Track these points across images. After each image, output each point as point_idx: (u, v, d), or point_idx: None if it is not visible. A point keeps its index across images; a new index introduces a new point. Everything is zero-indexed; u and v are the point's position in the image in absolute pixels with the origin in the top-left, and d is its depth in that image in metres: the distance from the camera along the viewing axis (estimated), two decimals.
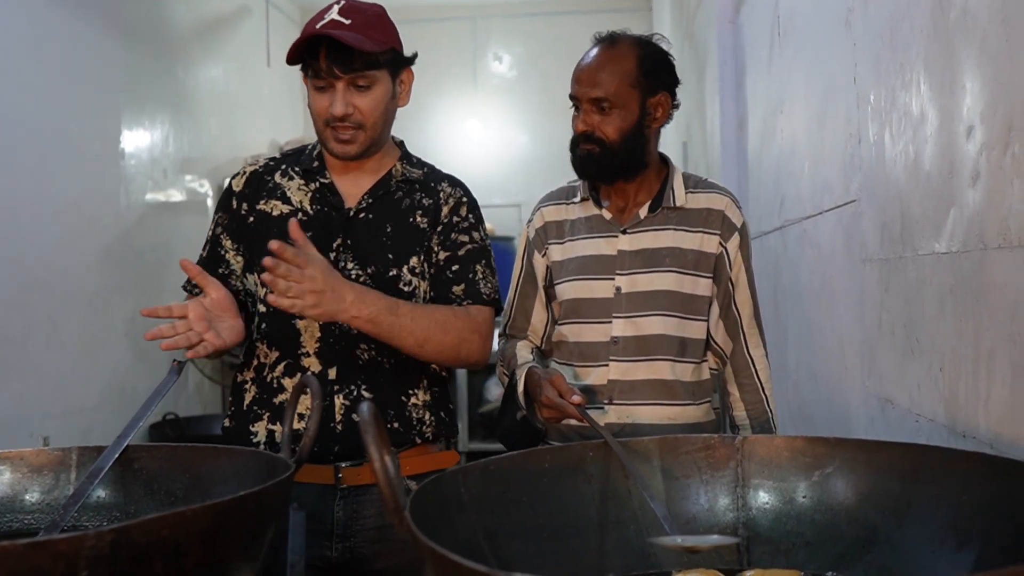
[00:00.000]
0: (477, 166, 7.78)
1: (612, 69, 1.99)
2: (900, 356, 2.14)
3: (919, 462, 1.34)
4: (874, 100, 2.28)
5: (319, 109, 1.93)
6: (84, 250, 4.49)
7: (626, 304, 2.03)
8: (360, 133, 1.93)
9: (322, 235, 1.96)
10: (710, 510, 1.42)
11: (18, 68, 3.99)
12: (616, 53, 2.01)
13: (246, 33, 6.66)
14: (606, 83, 1.98)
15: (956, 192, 1.76)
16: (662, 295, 2.03)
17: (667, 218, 2.06)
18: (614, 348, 2.03)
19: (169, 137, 5.40)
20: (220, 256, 2.04)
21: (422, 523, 1.00)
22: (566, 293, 2.10)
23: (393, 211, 2.01)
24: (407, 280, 1.98)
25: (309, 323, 1.94)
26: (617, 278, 2.04)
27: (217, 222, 2.06)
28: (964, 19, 1.71)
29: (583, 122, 2.01)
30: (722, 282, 2.08)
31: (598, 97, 1.99)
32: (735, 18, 4.25)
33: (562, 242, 2.13)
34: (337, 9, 1.92)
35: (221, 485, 1.46)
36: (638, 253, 2.05)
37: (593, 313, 2.05)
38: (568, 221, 2.14)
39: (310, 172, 2.03)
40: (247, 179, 2.06)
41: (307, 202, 2.01)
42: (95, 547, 0.94)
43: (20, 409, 3.93)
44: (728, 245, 2.07)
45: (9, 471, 1.53)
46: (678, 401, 2.04)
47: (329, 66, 1.88)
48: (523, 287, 2.20)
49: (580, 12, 7.63)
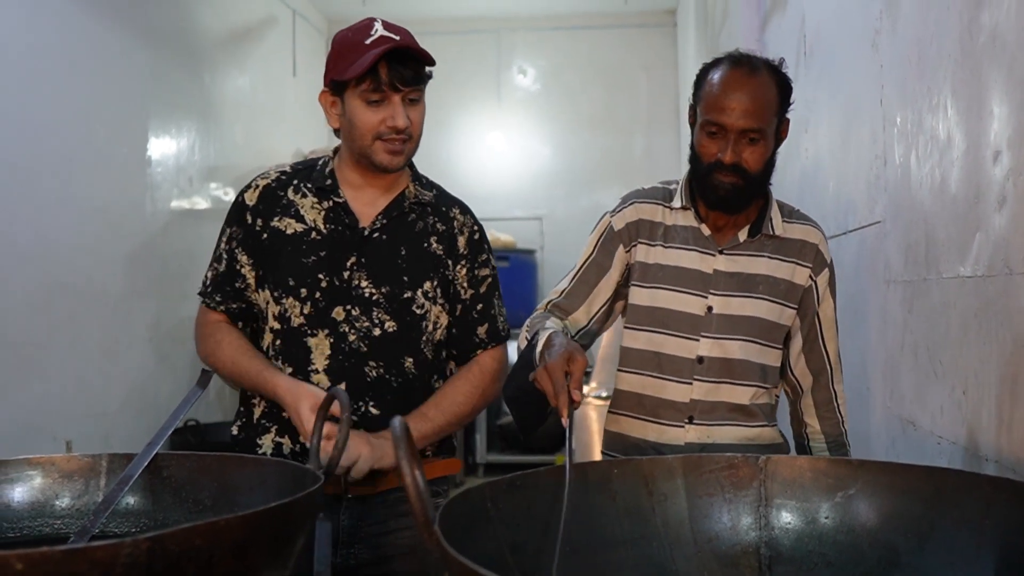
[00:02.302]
0: (500, 179, 7.81)
1: (762, 100, 1.92)
2: (923, 378, 2.14)
3: (942, 485, 1.34)
4: (900, 122, 2.29)
5: (371, 122, 1.93)
6: (109, 255, 4.54)
7: (716, 325, 2.00)
8: (408, 145, 1.97)
9: (336, 254, 1.98)
10: (732, 529, 1.43)
11: (48, 75, 4.05)
12: (761, 82, 1.93)
13: (272, 43, 6.72)
14: (760, 115, 1.91)
15: (982, 216, 1.77)
16: (751, 321, 2.00)
17: (763, 245, 2.03)
18: (699, 367, 2.00)
19: (195, 145, 5.45)
20: (236, 271, 2.05)
21: (450, 537, 1.02)
22: (652, 300, 2.04)
23: (407, 233, 2.04)
24: (420, 303, 2.01)
25: (320, 340, 1.97)
26: (710, 297, 2.01)
27: (231, 236, 2.06)
28: (993, 43, 1.71)
29: (734, 152, 1.91)
30: (807, 316, 2.05)
31: (751, 128, 1.91)
32: (761, 36, 4.26)
33: (653, 244, 2.06)
34: (381, 25, 1.93)
35: (248, 494, 1.48)
36: (733, 276, 2.02)
37: (681, 327, 2.01)
38: (663, 225, 2.07)
39: (323, 190, 2.03)
40: (260, 193, 2.06)
41: (320, 221, 2.01)
42: (131, 555, 0.96)
43: (43, 412, 3.97)
44: (818, 279, 2.04)
45: (40, 476, 1.55)
46: (756, 423, 2.02)
47: (391, 79, 1.90)
48: (586, 272, 2.11)
49: (604, 27, 7.66)
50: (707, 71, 2.00)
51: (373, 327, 1.97)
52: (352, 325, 1.97)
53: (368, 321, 1.97)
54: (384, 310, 1.98)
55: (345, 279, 1.97)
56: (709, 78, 1.97)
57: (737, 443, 1.99)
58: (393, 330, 1.98)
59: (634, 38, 7.74)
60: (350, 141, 1.99)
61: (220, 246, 2.09)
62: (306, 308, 1.97)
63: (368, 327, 1.97)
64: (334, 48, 1.98)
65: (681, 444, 1.98)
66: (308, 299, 1.97)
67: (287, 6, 6.94)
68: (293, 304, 1.97)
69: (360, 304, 1.97)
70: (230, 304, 2.05)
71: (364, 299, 1.97)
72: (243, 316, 2.07)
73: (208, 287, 2.08)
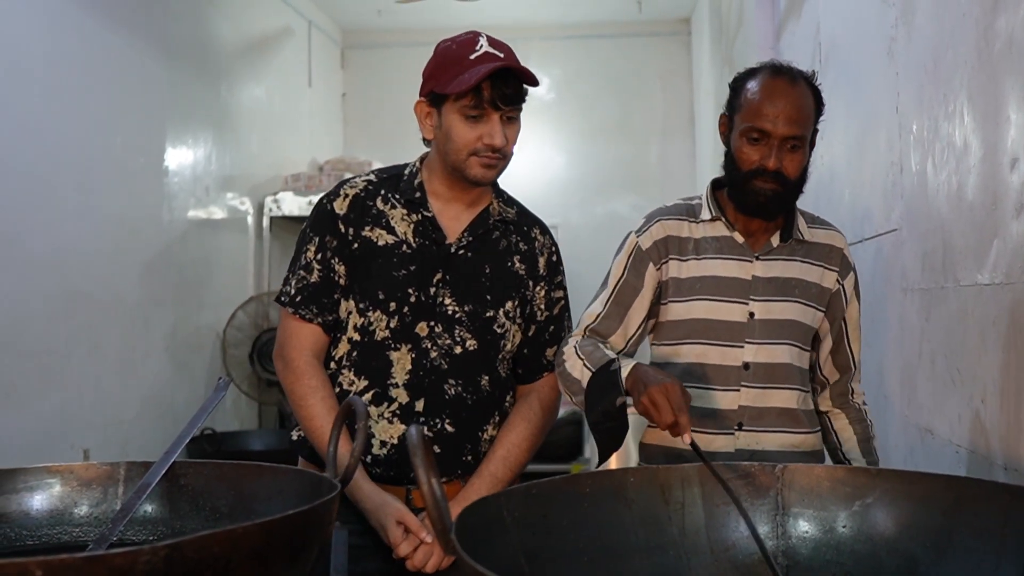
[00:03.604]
0: (514, 187, 7.72)
1: (804, 108, 1.95)
2: (941, 386, 2.13)
3: (961, 494, 1.34)
4: (916, 129, 2.28)
5: (469, 138, 1.93)
6: (126, 264, 4.56)
7: (759, 331, 2.01)
8: (503, 162, 1.98)
9: (424, 269, 1.99)
10: (750, 538, 1.42)
11: (66, 87, 4.07)
12: (801, 91, 1.96)
13: (288, 53, 6.75)
14: (802, 123, 1.95)
15: (999, 223, 1.76)
16: (791, 325, 2.02)
17: (794, 249, 2.05)
18: (745, 374, 2.00)
19: (212, 155, 5.48)
20: (334, 281, 2.02)
21: (467, 544, 1.02)
22: (689, 312, 2.04)
23: (492, 251, 2.05)
24: (501, 323, 2.03)
25: (402, 355, 1.97)
26: (751, 303, 2.02)
27: (324, 246, 2.02)
28: (1009, 50, 1.71)
29: (777, 159, 1.94)
30: (836, 319, 2.09)
31: (794, 135, 1.94)
32: (776, 44, 4.25)
33: (685, 259, 2.07)
34: (486, 41, 1.95)
35: (265, 502, 1.48)
36: (771, 281, 2.03)
37: (724, 336, 2.02)
38: (692, 239, 2.08)
39: (412, 203, 2.03)
40: (351, 202, 2.03)
41: (411, 234, 2.01)
42: (150, 562, 0.96)
43: (61, 420, 3.99)
44: (845, 283, 2.07)
45: (59, 484, 1.55)
46: (802, 429, 2.03)
47: (493, 97, 1.90)
48: (619, 294, 2.09)
49: (618, 36, 7.65)
50: (744, 80, 2.02)
51: (455, 344, 1.98)
52: (434, 342, 1.98)
53: (450, 339, 1.98)
54: (466, 328, 1.99)
55: (431, 295, 1.99)
56: (748, 86, 1.99)
57: (783, 450, 2.00)
58: (473, 348, 2.00)
59: (648, 47, 7.74)
60: (444, 154, 1.98)
61: (307, 254, 2.04)
62: (392, 322, 1.97)
63: (450, 344, 1.98)
64: (436, 59, 1.98)
65: (731, 451, 1.98)
66: (396, 313, 1.97)
67: (303, 17, 6.97)
68: (380, 317, 1.98)
69: (443, 321, 1.98)
70: (326, 316, 2.02)
71: (447, 316, 1.99)
72: (335, 328, 2.04)
73: (296, 297, 2.02)
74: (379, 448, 1.97)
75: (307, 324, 2.02)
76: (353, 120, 7.78)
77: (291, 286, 2.04)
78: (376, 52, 7.74)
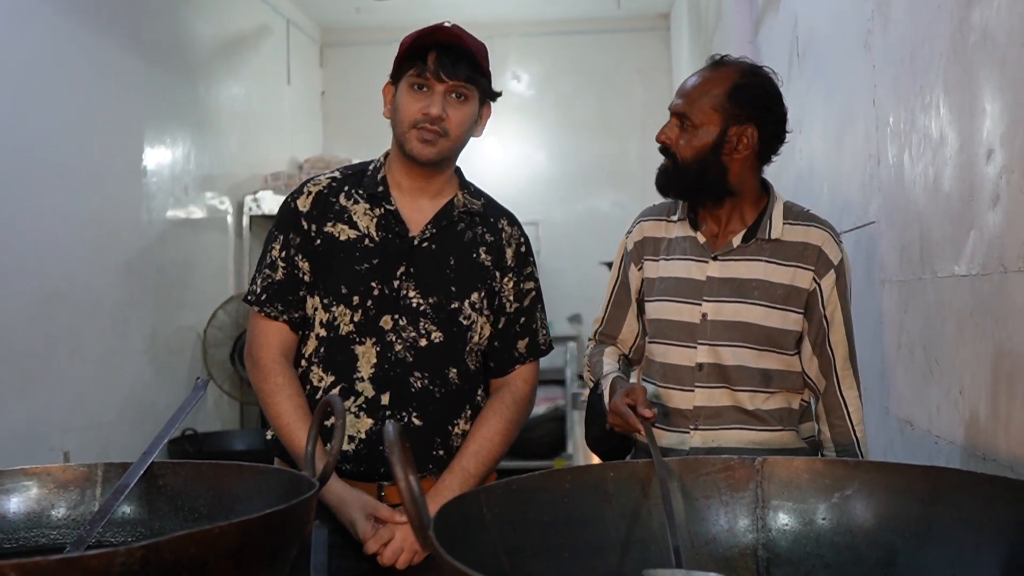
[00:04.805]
0: (494, 184, 7.72)
1: (703, 89, 1.98)
2: (919, 378, 2.14)
3: (939, 485, 1.34)
4: (893, 122, 2.29)
5: (411, 110, 1.95)
6: (106, 265, 4.53)
7: (711, 331, 2.00)
8: (443, 140, 1.96)
9: (387, 263, 1.98)
10: (730, 531, 1.42)
11: (43, 87, 4.04)
12: (714, 75, 1.99)
13: (267, 52, 6.72)
14: (691, 100, 1.98)
15: (976, 215, 1.77)
16: (745, 327, 1.98)
17: (760, 249, 2.01)
18: (699, 374, 2.01)
19: (190, 154, 5.45)
20: (299, 278, 2.02)
21: (446, 541, 1.02)
22: (655, 312, 2.09)
23: (456, 243, 2.04)
24: (467, 314, 2.01)
25: (367, 349, 1.97)
26: (704, 304, 2.01)
27: (288, 243, 2.02)
28: (984, 42, 1.72)
29: (662, 132, 2.02)
30: (815, 319, 1.99)
31: (681, 112, 1.99)
32: (754, 38, 4.26)
33: (657, 260, 2.11)
34: (449, 24, 1.96)
35: (245, 502, 1.47)
36: (727, 281, 2.01)
37: (680, 336, 2.03)
38: (666, 239, 2.11)
39: (375, 197, 2.03)
40: (314, 199, 2.04)
41: (373, 228, 2.01)
42: (125, 563, 0.95)
43: (41, 422, 3.96)
44: (822, 282, 1.98)
45: (36, 487, 1.54)
46: (765, 427, 2.00)
47: (437, 68, 1.92)
48: (617, 296, 2.21)
49: (598, 31, 7.66)
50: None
51: (419, 337, 1.98)
52: (399, 335, 1.97)
53: (415, 331, 1.97)
54: (431, 320, 1.98)
55: (394, 288, 1.98)
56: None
57: (744, 446, 1.97)
58: (439, 340, 1.99)
59: (627, 42, 7.74)
60: (393, 129, 2.01)
61: (272, 253, 2.04)
62: (356, 316, 1.97)
63: (415, 337, 1.97)
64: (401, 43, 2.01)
65: (685, 449, 1.99)
66: (359, 307, 1.97)
67: (281, 15, 6.94)
68: (344, 312, 1.97)
69: (408, 314, 1.98)
70: (292, 314, 2.02)
71: (412, 309, 1.98)
72: (302, 325, 2.03)
73: (262, 295, 2.02)
74: (347, 443, 1.95)
75: (273, 322, 2.02)
76: (332, 118, 7.76)
77: (257, 285, 2.04)
78: (355, 50, 7.72)
